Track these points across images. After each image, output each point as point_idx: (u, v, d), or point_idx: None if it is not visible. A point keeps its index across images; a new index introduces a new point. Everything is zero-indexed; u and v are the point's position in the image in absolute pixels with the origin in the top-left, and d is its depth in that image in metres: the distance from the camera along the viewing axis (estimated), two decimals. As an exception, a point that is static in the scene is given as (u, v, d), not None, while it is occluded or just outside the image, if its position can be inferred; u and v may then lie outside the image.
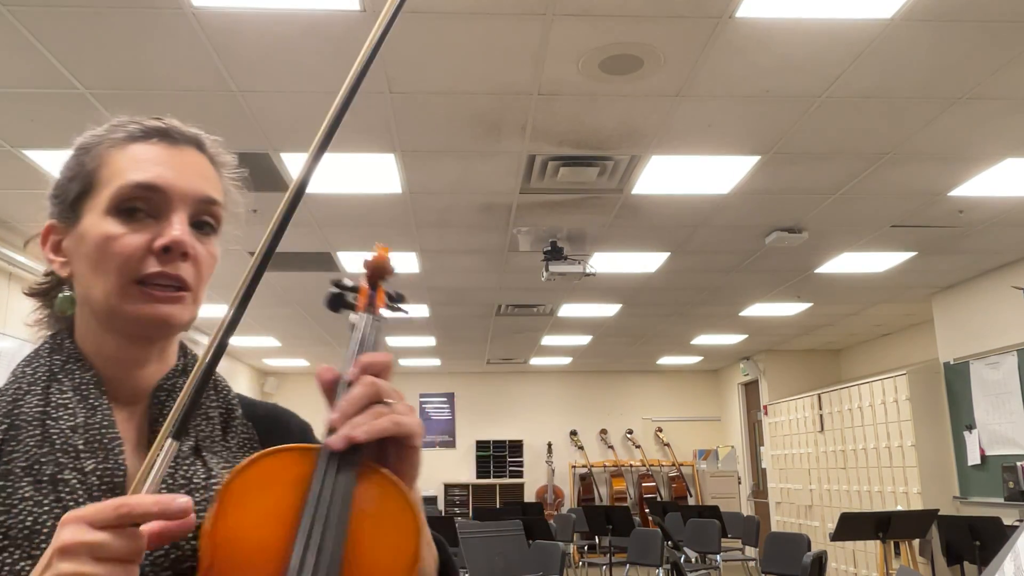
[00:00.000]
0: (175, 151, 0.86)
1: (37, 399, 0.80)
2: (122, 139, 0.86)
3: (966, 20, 3.11)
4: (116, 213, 0.82)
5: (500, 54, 3.32)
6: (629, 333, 9.77)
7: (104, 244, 0.81)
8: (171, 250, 0.81)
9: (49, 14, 2.98)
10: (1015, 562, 1.06)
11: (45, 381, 0.82)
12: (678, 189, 4.87)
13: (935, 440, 7.60)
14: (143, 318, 0.81)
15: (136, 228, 0.81)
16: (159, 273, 0.81)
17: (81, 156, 0.86)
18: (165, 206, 0.82)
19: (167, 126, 0.87)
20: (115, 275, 0.80)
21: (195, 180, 0.85)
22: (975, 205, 5.16)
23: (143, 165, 0.83)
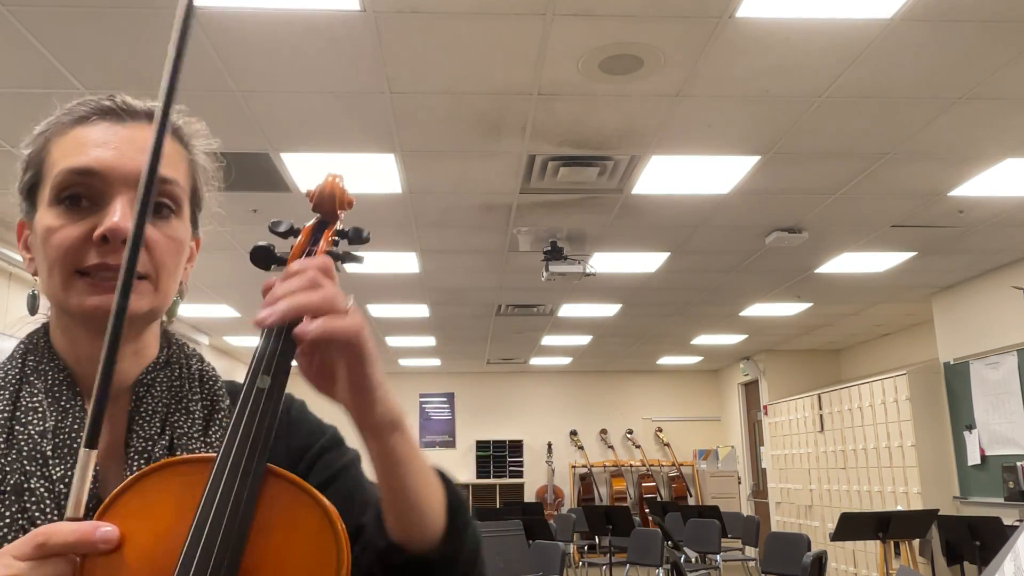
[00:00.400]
0: (121, 129, 0.80)
1: (4, 404, 0.76)
2: (67, 123, 0.81)
3: (966, 20, 3.11)
4: (57, 203, 0.77)
5: (500, 54, 3.32)
6: (629, 333, 9.77)
7: (46, 237, 0.77)
8: (109, 239, 0.75)
9: (49, 14, 2.98)
10: (1015, 562, 1.06)
11: (16, 384, 0.78)
12: (678, 189, 4.87)
13: (935, 440, 7.60)
14: (88, 311, 0.76)
15: (77, 218, 0.76)
16: (100, 264, 0.75)
17: (31, 146, 0.82)
18: (106, 191, 0.77)
19: (114, 103, 0.81)
20: (58, 269, 0.76)
21: (141, 159, 0.73)
22: (975, 205, 5.16)
23: (80, 149, 0.78)
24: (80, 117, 0.80)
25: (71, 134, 0.79)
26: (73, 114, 0.81)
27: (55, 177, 0.77)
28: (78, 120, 0.80)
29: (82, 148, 0.78)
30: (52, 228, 0.76)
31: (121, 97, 0.82)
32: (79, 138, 0.79)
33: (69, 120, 0.81)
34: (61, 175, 0.77)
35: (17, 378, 0.78)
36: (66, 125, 0.81)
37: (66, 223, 0.76)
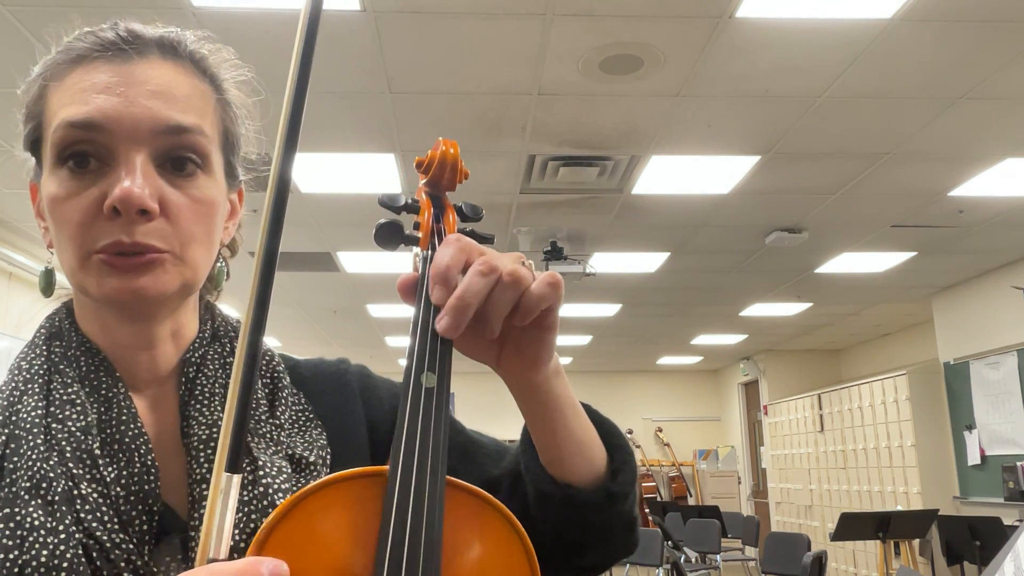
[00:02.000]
0: (128, 68, 0.65)
1: (37, 399, 0.64)
2: (64, 63, 0.67)
3: (966, 20, 3.11)
4: (61, 164, 0.63)
5: (500, 54, 3.32)
6: (629, 333, 9.77)
7: (53, 209, 0.64)
8: (121, 211, 0.61)
9: (49, 14, 2.98)
10: (1015, 562, 1.06)
11: (45, 375, 0.65)
12: (678, 189, 4.87)
13: (935, 440, 7.60)
14: (103, 297, 0.64)
15: (85, 183, 0.63)
16: (113, 244, 0.62)
17: (28, 93, 0.69)
18: (111, 148, 0.63)
19: (118, 34, 0.67)
20: (71, 247, 0.63)
21: (154, 104, 0.64)
22: (975, 205, 5.16)
23: (79, 96, 0.63)
24: (79, 55, 0.66)
25: (70, 77, 0.66)
26: (71, 51, 0.67)
27: (54, 132, 0.63)
28: (76, 59, 0.66)
29: (82, 95, 0.64)
30: (58, 197, 0.63)
31: (125, 25, 0.68)
32: (79, 82, 0.65)
33: (66, 60, 0.67)
34: (60, 130, 0.63)
35: (46, 368, 0.66)
36: (64, 66, 0.67)
37: (73, 191, 0.63)
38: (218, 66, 0.72)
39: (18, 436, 0.62)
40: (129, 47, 0.66)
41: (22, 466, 0.60)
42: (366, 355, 11.06)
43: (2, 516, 0.58)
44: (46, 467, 0.60)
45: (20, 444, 0.61)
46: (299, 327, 8.97)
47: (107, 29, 0.67)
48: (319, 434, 0.72)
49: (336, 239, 5.73)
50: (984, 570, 2.35)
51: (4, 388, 0.66)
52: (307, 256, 6.11)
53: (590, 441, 0.71)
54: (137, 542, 0.60)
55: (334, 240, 5.75)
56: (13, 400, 0.64)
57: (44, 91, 0.67)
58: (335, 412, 0.76)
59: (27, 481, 0.59)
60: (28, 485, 0.59)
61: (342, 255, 6.13)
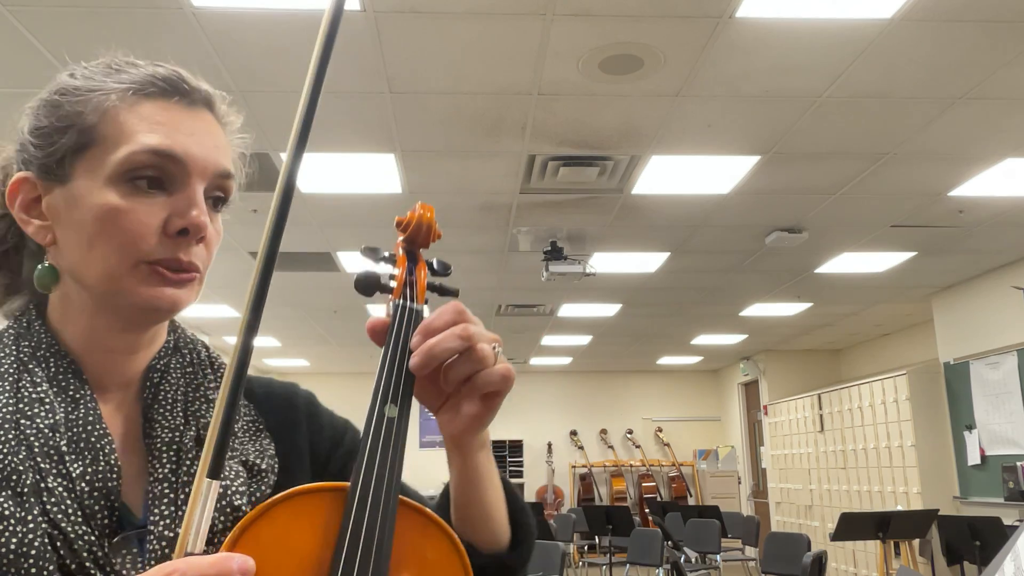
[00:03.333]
0: (191, 113, 0.74)
1: (6, 396, 0.68)
2: (133, 92, 0.72)
3: (966, 20, 3.11)
4: (123, 182, 0.69)
5: (500, 54, 3.32)
6: (629, 333, 9.77)
7: (108, 217, 0.69)
8: (187, 233, 0.70)
9: (49, 14, 2.98)
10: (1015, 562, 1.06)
11: (14, 373, 0.69)
12: (678, 189, 4.87)
13: (935, 440, 7.60)
14: (148, 302, 0.70)
15: (146, 202, 0.70)
16: (172, 260, 0.70)
17: (75, 104, 0.72)
18: (181, 179, 0.71)
19: (182, 80, 0.74)
20: (119, 253, 0.69)
21: (212, 151, 0.73)
22: (975, 205, 5.16)
23: (158, 128, 0.71)
24: (144, 86, 0.72)
25: (144, 106, 0.72)
26: (134, 81, 0.72)
27: (129, 154, 0.69)
28: (143, 91, 0.72)
29: (160, 127, 0.71)
30: (119, 208, 0.68)
31: (177, 72, 0.75)
32: (156, 114, 0.71)
33: (132, 88, 0.72)
34: (141, 154, 0.69)
35: (15, 367, 0.70)
36: (132, 92, 0.72)
37: (135, 205, 0.69)
38: (231, 127, 0.81)
39: None
40: (192, 95, 0.75)
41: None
42: (366, 355, 11.07)
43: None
44: (15, 460, 0.64)
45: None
46: (299, 327, 8.97)
47: (164, 71, 0.74)
48: (268, 444, 0.79)
49: (336, 239, 5.73)
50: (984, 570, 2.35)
51: None
52: (307, 256, 6.11)
53: (498, 515, 0.79)
54: (98, 535, 0.65)
55: (334, 240, 5.75)
56: None
57: (106, 109, 0.71)
58: (283, 428, 0.83)
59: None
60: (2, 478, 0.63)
61: (342, 255, 6.13)
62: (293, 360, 11.41)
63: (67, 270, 0.72)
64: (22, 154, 0.74)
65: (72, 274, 0.72)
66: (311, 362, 11.56)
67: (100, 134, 0.70)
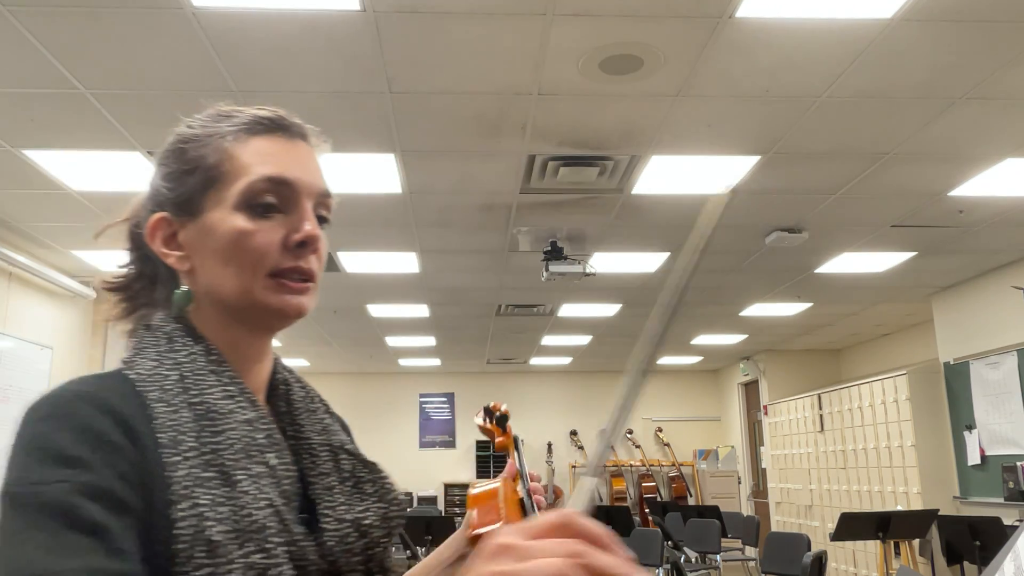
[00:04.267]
0: (292, 145, 0.86)
1: (216, 389, 0.77)
2: (243, 132, 0.84)
3: (966, 20, 3.11)
4: (246, 208, 0.81)
5: (500, 54, 3.32)
6: (629, 333, 9.77)
7: (238, 240, 0.80)
8: (305, 245, 0.82)
9: (49, 14, 2.98)
10: (1015, 562, 1.06)
11: (208, 372, 0.79)
12: (678, 189, 4.87)
13: (935, 440, 7.59)
14: (279, 309, 0.81)
15: (267, 223, 0.81)
16: (294, 268, 0.81)
17: (198, 149, 0.84)
18: (294, 200, 0.83)
19: (281, 118, 0.86)
20: (250, 270, 0.80)
21: (315, 174, 0.86)
22: (975, 205, 5.16)
23: (269, 159, 0.83)
24: (252, 127, 0.84)
25: (253, 143, 0.84)
26: (243, 123, 0.85)
27: (249, 184, 0.81)
28: (254, 131, 0.84)
29: (270, 158, 0.83)
30: (247, 231, 0.80)
31: (276, 111, 0.87)
32: (263, 149, 0.83)
33: (244, 129, 0.84)
34: (257, 183, 0.81)
35: (205, 365, 0.79)
36: (242, 132, 0.84)
37: (259, 227, 0.80)
38: (322, 155, 0.92)
39: (213, 417, 0.75)
40: (292, 129, 0.87)
41: (224, 442, 0.73)
42: (366, 355, 11.07)
43: (218, 482, 0.71)
44: (241, 445, 0.74)
45: (216, 423, 0.74)
46: (299, 327, 8.94)
47: (268, 112, 0.86)
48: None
49: (336, 239, 5.73)
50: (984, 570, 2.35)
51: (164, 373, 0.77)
52: (307, 256, 6.10)
53: None
54: (293, 516, 0.75)
55: (334, 240, 5.75)
56: (190, 386, 0.76)
57: (225, 149, 0.83)
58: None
59: (231, 454, 0.73)
60: (233, 458, 0.73)
61: (342, 255, 6.13)
62: (293, 360, 11.41)
63: (203, 291, 0.83)
64: (156, 198, 0.86)
65: (208, 294, 0.83)
66: (311, 362, 11.56)
67: (221, 171, 0.82)
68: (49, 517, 0.62)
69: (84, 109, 3.67)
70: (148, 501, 0.68)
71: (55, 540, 0.61)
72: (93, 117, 3.75)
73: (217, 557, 0.67)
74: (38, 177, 4.46)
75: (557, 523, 0.51)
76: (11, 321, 5.77)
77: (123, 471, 0.67)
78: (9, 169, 4.35)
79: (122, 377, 0.76)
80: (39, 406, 0.70)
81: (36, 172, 4.38)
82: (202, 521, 0.68)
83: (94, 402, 0.71)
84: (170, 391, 0.75)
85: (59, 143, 4.05)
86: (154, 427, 0.72)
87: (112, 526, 0.64)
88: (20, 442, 0.68)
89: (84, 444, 0.67)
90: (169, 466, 0.70)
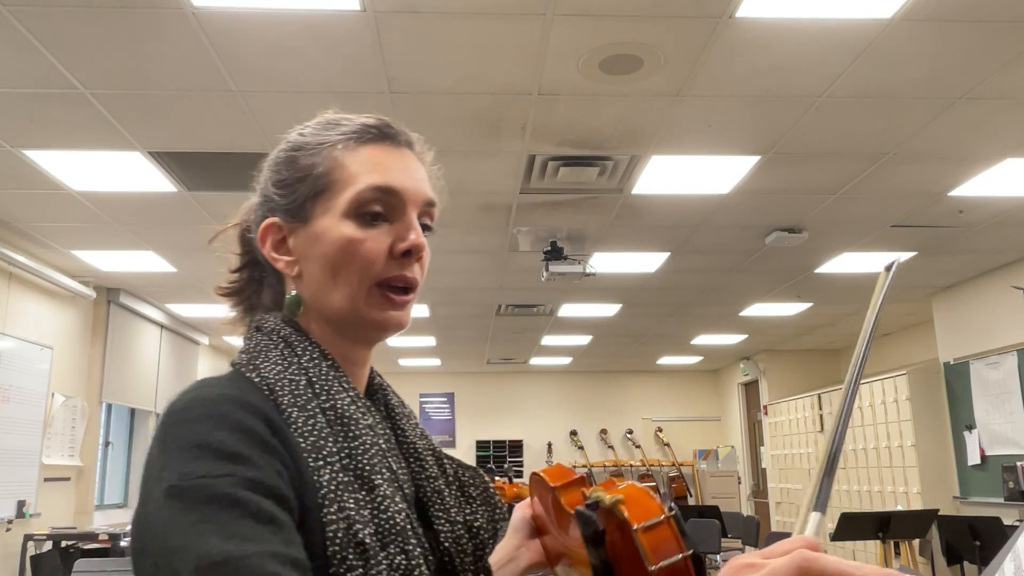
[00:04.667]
0: (399, 153, 0.87)
1: (345, 394, 0.78)
2: (353, 141, 0.85)
3: (966, 20, 3.11)
4: (355, 216, 0.82)
5: (500, 54, 3.32)
6: (629, 333, 9.77)
7: (347, 247, 0.81)
8: (411, 254, 0.83)
9: (49, 14, 2.98)
10: (1015, 562, 1.06)
11: (332, 376, 0.80)
12: (678, 189, 4.87)
13: (935, 440, 7.59)
14: (382, 322, 0.83)
15: (375, 231, 0.82)
16: (399, 277, 0.83)
17: (309, 157, 0.85)
18: (400, 209, 0.83)
19: (388, 126, 0.87)
20: (357, 278, 0.81)
21: (420, 183, 0.86)
22: (975, 205, 5.16)
23: (378, 168, 0.83)
24: (362, 135, 0.85)
25: (362, 151, 0.85)
26: (353, 131, 0.86)
27: (358, 192, 0.82)
28: (361, 139, 0.85)
29: (379, 167, 0.84)
30: (356, 239, 0.81)
31: (383, 119, 0.88)
32: (372, 158, 0.84)
33: (353, 138, 0.85)
34: (366, 191, 0.82)
35: (329, 370, 0.80)
36: (352, 141, 0.85)
37: (367, 236, 0.81)
38: (426, 163, 0.91)
39: (346, 421, 0.75)
40: (398, 138, 0.87)
41: (359, 447, 0.74)
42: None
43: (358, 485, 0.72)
44: (366, 456, 0.74)
45: (349, 427, 0.75)
46: (299, 327, 8.95)
47: (375, 120, 0.87)
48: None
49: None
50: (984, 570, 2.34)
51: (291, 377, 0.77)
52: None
53: None
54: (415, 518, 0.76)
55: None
56: (323, 390, 0.77)
57: (335, 157, 0.84)
58: None
59: (367, 459, 0.74)
60: (370, 463, 0.73)
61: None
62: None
63: (310, 297, 0.84)
64: (268, 204, 0.87)
65: (315, 300, 0.84)
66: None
67: (331, 179, 0.83)
68: (221, 508, 0.63)
69: (84, 109, 3.67)
70: (302, 503, 0.69)
71: (233, 528, 0.61)
72: (93, 117, 3.75)
73: (368, 559, 0.68)
74: (38, 177, 4.46)
75: (797, 546, 0.55)
76: (11, 321, 5.77)
77: (279, 471, 0.68)
78: (9, 169, 4.35)
79: (248, 380, 0.77)
80: (190, 408, 0.70)
81: (36, 172, 4.38)
82: (352, 524, 0.69)
83: (244, 405, 0.71)
84: (301, 396, 0.76)
85: (59, 143, 4.04)
86: (293, 432, 0.73)
87: (283, 519, 0.65)
88: (175, 442, 0.68)
89: (243, 443, 0.68)
90: (314, 470, 0.71)
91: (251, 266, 0.92)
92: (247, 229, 0.92)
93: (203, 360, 9.72)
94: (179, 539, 0.61)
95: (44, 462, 6.18)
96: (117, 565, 3.69)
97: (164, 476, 0.65)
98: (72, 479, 6.74)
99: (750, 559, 0.55)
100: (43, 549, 5.85)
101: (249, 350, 0.82)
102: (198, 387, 0.73)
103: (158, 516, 0.63)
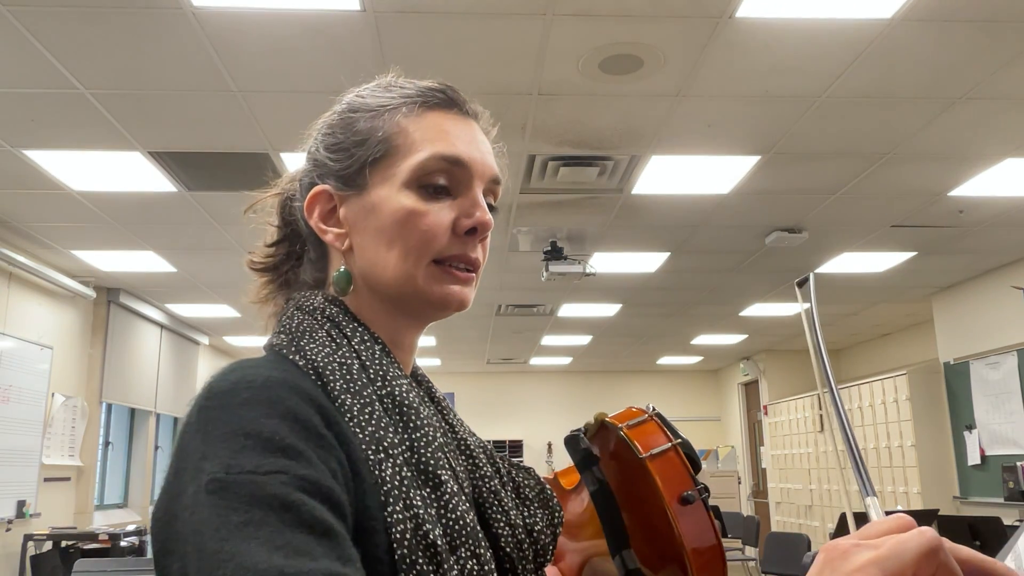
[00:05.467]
0: (466, 123, 0.79)
1: (403, 383, 0.71)
2: (418, 105, 0.78)
3: (966, 20, 3.11)
4: (417, 187, 0.75)
5: (500, 54, 3.32)
6: (629, 333, 9.77)
7: (407, 220, 0.74)
8: (475, 232, 0.76)
9: (49, 14, 2.98)
10: (1015, 562, 1.06)
11: (388, 362, 0.72)
12: (678, 189, 4.87)
13: (935, 440, 7.59)
14: (442, 299, 0.76)
15: (437, 205, 0.75)
16: (461, 256, 0.76)
17: (369, 120, 0.78)
18: (466, 182, 0.76)
19: (453, 91, 0.81)
20: (417, 252, 0.74)
21: (487, 156, 0.79)
22: (975, 205, 5.16)
23: (446, 137, 0.76)
24: (428, 99, 0.79)
25: (427, 118, 0.78)
26: (418, 94, 0.80)
27: (422, 161, 0.75)
28: (427, 103, 0.79)
29: (445, 136, 0.76)
30: (418, 211, 0.74)
31: (449, 85, 0.82)
32: (440, 124, 0.77)
33: (417, 102, 0.79)
34: (432, 160, 0.75)
35: (382, 356, 0.73)
36: (416, 105, 0.78)
37: (429, 209, 0.74)
38: (493, 141, 0.85)
39: (406, 413, 0.68)
40: (465, 106, 0.81)
41: (422, 443, 0.67)
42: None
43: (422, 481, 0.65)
44: (429, 452, 0.67)
45: (409, 420, 0.68)
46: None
47: (439, 85, 0.81)
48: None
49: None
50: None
51: (343, 362, 0.69)
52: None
53: None
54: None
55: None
56: (378, 377, 0.70)
57: (398, 121, 0.77)
58: None
59: (431, 456, 0.67)
60: (433, 461, 0.66)
61: (342, 255, 6.13)
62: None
63: (361, 274, 0.76)
64: (318, 169, 0.79)
65: (366, 277, 0.76)
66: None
67: (393, 144, 0.76)
68: (271, 510, 0.54)
69: (84, 109, 3.67)
70: (360, 503, 0.61)
71: (284, 537, 0.53)
72: (93, 117, 3.75)
73: (440, 563, 0.61)
74: (38, 177, 4.46)
75: (896, 526, 0.48)
76: (11, 321, 5.77)
77: (334, 469, 0.60)
78: (9, 169, 4.35)
79: (293, 363, 0.68)
80: (236, 390, 0.61)
81: (36, 172, 4.38)
82: (422, 523, 0.61)
83: (296, 390, 0.62)
84: (355, 381, 0.68)
85: (59, 143, 4.05)
86: (348, 421, 0.65)
87: (339, 529, 0.57)
88: (218, 428, 0.58)
89: (297, 435, 0.59)
90: (374, 464, 0.63)
91: (290, 239, 0.83)
92: (290, 197, 0.83)
93: (203, 360, 9.72)
94: (219, 543, 0.52)
95: (44, 462, 6.18)
96: (117, 565, 3.69)
97: (205, 467, 0.56)
98: (72, 479, 6.74)
99: (851, 540, 0.47)
100: (43, 549, 5.85)
101: (291, 330, 0.72)
102: (240, 367, 0.64)
103: (195, 513, 0.55)
